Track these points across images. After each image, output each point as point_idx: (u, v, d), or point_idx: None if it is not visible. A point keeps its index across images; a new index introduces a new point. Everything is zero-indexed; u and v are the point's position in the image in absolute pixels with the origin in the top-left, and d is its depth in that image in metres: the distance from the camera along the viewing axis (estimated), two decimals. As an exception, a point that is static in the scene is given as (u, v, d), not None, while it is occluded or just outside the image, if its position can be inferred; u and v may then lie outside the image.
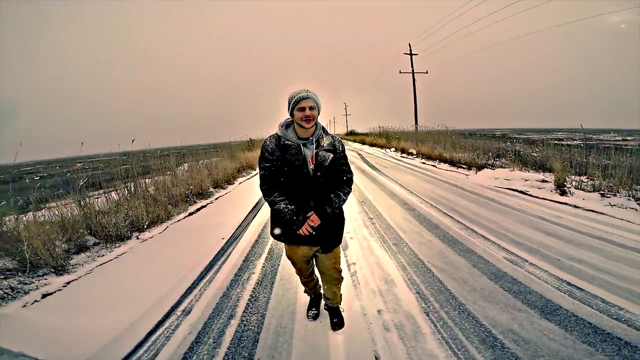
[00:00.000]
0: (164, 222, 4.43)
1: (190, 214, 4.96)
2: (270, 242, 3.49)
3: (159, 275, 2.76)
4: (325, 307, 2.06)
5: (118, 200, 4.37)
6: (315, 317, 2.04)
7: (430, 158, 11.41)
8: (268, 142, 1.66)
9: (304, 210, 1.62)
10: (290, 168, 1.61)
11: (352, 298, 2.26)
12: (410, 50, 23.53)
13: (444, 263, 2.76)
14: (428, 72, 23.78)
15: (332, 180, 1.69)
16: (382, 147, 20.20)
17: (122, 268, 3.03)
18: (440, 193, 5.69)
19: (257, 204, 5.40)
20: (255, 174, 9.86)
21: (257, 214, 4.79)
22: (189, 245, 3.47)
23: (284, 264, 2.86)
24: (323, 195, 1.66)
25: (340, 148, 1.74)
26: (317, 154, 1.65)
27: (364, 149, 20.49)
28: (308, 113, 1.56)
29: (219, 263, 3.02)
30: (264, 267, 2.91)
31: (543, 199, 5.06)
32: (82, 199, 3.97)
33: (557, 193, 5.34)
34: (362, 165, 10.51)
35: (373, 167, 10.08)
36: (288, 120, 1.70)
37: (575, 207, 4.53)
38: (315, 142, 1.66)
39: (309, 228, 1.60)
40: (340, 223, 1.79)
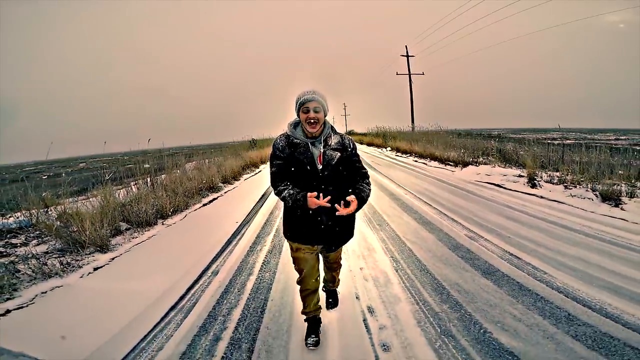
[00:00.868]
0: (183, 211, 5.05)
1: (205, 205, 5.58)
2: (278, 223, 4.10)
3: (187, 251, 3.37)
4: (324, 288, 2.19)
5: (140, 193, 4.97)
6: (316, 344, 1.81)
7: (423, 157, 12.03)
8: (278, 140, 1.69)
9: (315, 212, 1.60)
10: (299, 166, 1.62)
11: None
12: (407, 52, 24.07)
13: (416, 237, 3.40)
14: (424, 73, 24.35)
15: (343, 179, 1.68)
16: (378, 146, 20.80)
17: (155, 246, 3.65)
18: (425, 186, 6.32)
19: (263, 196, 6.04)
20: (259, 172, 10.47)
21: (263, 204, 5.42)
22: (209, 228, 4.10)
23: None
24: (340, 192, 1.63)
25: (351, 146, 1.73)
26: (324, 153, 1.64)
27: (362, 149, 21.10)
28: (312, 115, 1.58)
29: (236, 239, 3.66)
30: (273, 241, 3.56)
31: (515, 191, 5.67)
32: (109, 192, 4.57)
33: (528, 186, 5.95)
34: (358, 163, 11.15)
35: (368, 165, 10.70)
36: (297, 119, 1.71)
37: (541, 197, 5.14)
38: (323, 141, 1.67)
39: (348, 210, 1.54)
40: (353, 219, 1.80)
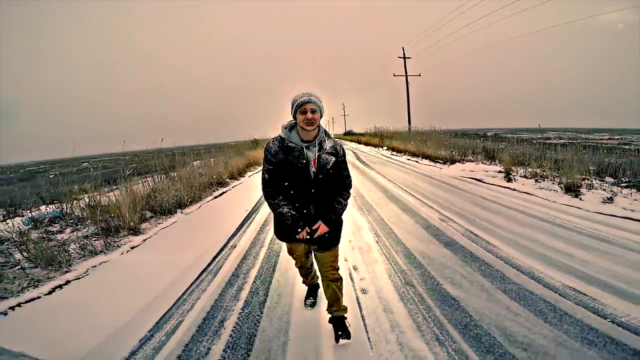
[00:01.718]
0: (197, 202, 5.67)
1: (216, 197, 6.20)
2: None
3: (207, 232, 3.98)
4: (330, 320, 1.91)
5: (160, 186, 5.58)
6: (312, 305, 2.16)
7: (416, 155, 12.65)
8: (271, 144, 1.66)
9: (306, 214, 1.65)
10: (293, 170, 1.60)
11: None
12: (404, 54, 24.59)
13: (397, 220, 4.04)
14: (421, 75, 24.90)
15: (332, 184, 1.70)
16: (375, 146, 21.40)
17: (179, 230, 4.26)
18: (413, 181, 6.94)
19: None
20: (261, 170, 11.06)
21: (268, 197, 6.05)
22: (223, 215, 4.73)
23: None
24: (325, 201, 1.68)
25: (342, 152, 1.73)
26: (319, 157, 1.63)
27: (359, 148, 21.71)
28: (310, 116, 1.55)
29: (247, 223, 4.29)
30: (278, 225, 4.17)
31: (492, 185, 6.29)
32: (132, 185, 5.18)
33: (505, 180, 6.57)
34: (355, 162, 11.77)
35: (364, 163, 11.33)
36: (291, 123, 1.69)
37: (514, 189, 5.76)
38: (318, 145, 1.65)
39: (306, 234, 1.65)
40: (338, 225, 1.79)
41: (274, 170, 1.64)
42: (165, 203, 4.81)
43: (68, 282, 2.87)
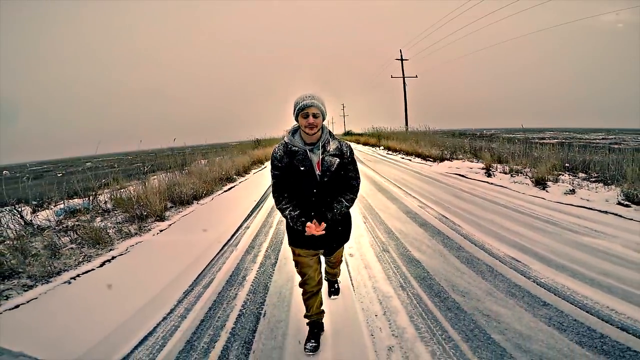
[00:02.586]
0: (210, 195, 6.36)
1: (225, 191, 6.90)
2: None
3: (223, 218, 4.67)
4: (325, 278, 2.21)
5: (178, 180, 6.27)
6: (314, 350, 1.78)
7: (409, 154, 13.33)
8: (276, 149, 1.66)
9: (311, 216, 1.62)
10: (298, 174, 1.60)
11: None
12: (401, 56, 25.19)
13: (383, 207, 4.75)
14: (417, 76, 25.46)
15: (339, 186, 1.68)
16: (373, 145, 22.09)
17: (198, 216, 4.95)
18: (403, 177, 7.64)
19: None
20: (264, 167, 11.77)
21: (272, 191, 6.80)
22: (234, 204, 5.42)
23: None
24: (328, 201, 1.66)
25: (348, 153, 1.71)
26: (323, 159, 1.63)
27: (357, 148, 22.39)
28: (311, 120, 1.55)
29: (256, 211, 4.98)
30: (283, 213, 4.90)
31: (473, 179, 6.98)
32: (146, 181, 5.87)
33: (485, 175, 7.26)
34: (352, 160, 12.49)
35: (360, 161, 12.05)
36: (295, 126, 1.69)
37: (491, 183, 6.44)
38: (322, 147, 1.64)
39: (315, 230, 1.57)
40: (346, 227, 1.81)
41: (281, 175, 1.65)
42: (184, 195, 5.50)
43: (114, 257, 3.54)
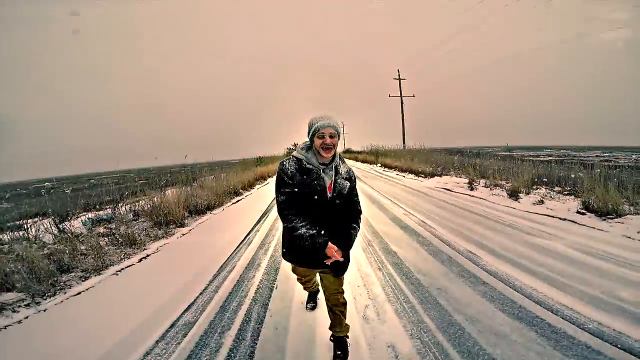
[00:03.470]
0: (220, 206, 7.12)
1: (234, 203, 7.66)
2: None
3: (236, 223, 5.39)
4: (331, 337, 1.90)
5: (192, 192, 7.03)
6: (313, 308, 2.35)
7: (404, 170, 14.17)
8: (287, 165, 1.59)
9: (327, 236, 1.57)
10: (310, 193, 1.55)
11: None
12: (399, 76, 26.45)
13: (373, 214, 5.51)
14: (415, 95, 26.65)
15: (345, 210, 1.66)
16: (371, 163, 22.95)
17: (213, 223, 5.68)
18: (394, 190, 8.43)
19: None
20: (267, 183, 12.54)
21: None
22: (244, 214, 6.17)
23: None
24: (339, 227, 1.63)
25: (354, 177, 1.72)
26: (335, 182, 1.60)
27: (356, 165, 23.28)
28: (328, 141, 1.53)
29: (264, 219, 5.71)
30: (287, 220, 5.65)
31: (457, 193, 7.74)
32: (163, 193, 6.63)
33: (468, 189, 8.02)
34: (350, 176, 13.31)
35: (358, 177, 12.82)
36: (307, 144, 1.65)
37: (472, 196, 7.20)
38: (334, 169, 1.62)
39: (337, 257, 1.56)
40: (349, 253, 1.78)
41: (293, 193, 1.56)
42: (199, 205, 6.26)
43: (148, 255, 4.25)
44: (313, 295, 2.40)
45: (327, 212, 1.58)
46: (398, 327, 2.16)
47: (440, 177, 10.57)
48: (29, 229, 4.71)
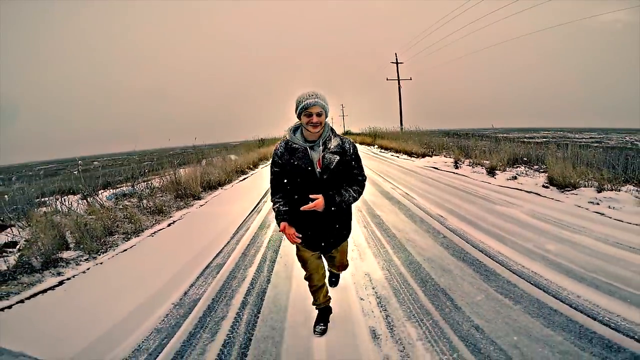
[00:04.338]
0: (229, 183, 7.85)
1: (241, 181, 8.39)
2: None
3: (245, 196, 6.14)
4: (329, 270, 2.11)
5: (205, 170, 7.73)
6: (323, 332, 1.91)
7: (398, 151, 14.80)
8: (278, 146, 1.67)
9: (312, 216, 1.59)
10: (298, 171, 1.59)
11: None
12: (397, 60, 26.51)
13: (366, 190, 6.19)
14: (412, 78, 26.79)
15: (342, 183, 1.65)
16: (369, 144, 23.45)
17: (225, 197, 6.43)
18: (387, 169, 9.14)
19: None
20: (269, 164, 13.18)
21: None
22: (251, 189, 6.92)
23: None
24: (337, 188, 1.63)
25: (351, 150, 1.68)
26: (323, 157, 1.61)
27: (354, 145, 23.76)
28: (315, 120, 1.54)
29: (267, 194, 6.44)
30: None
31: (443, 171, 8.44)
32: (175, 172, 7.33)
33: (454, 167, 8.73)
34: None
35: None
36: (297, 124, 1.68)
37: (456, 173, 7.91)
38: (322, 144, 1.62)
39: (311, 207, 1.53)
40: (346, 224, 1.79)
41: (280, 172, 1.65)
42: (212, 182, 6.99)
43: (174, 221, 5.01)
44: (324, 314, 2.00)
45: (317, 187, 1.59)
46: (374, 263, 2.92)
47: (431, 157, 11.24)
48: (62, 203, 5.37)
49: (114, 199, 6.81)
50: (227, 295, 2.51)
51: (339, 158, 1.63)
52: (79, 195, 7.23)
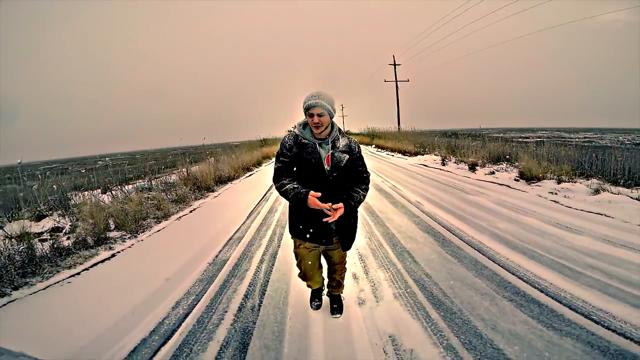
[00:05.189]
0: (237, 178, 8.68)
1: (247, 176, 9.22)
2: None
3: (253, 190, 6.95)
4: (328, 294, 2.16)
5: (216, 167, 8.56)
6: (319, 307, 2.16)
7: (393, 150, 15.61)
8: (286, 139, 1.70)
9: (321, 212, 1.57)
10: (306, 166, 1.63)
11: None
12: (394, 61, 27.20)
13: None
14: (409, 80, 27.48)
15: (348, 181, 1.70)
16: (367, 144, 24.14)
17: (235, 190, 7.24)
18: (380, 166, 9.95)
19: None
20: (272, 162, 13.99)
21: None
22: (257, 183, 7.74)
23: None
24: (342, 192, 1.65)
25: (357, 149, 1.75)
26: (332, 155, 1.64)
27: (353, 144, 24.50)
28: (316, 120, 1.59)
29: (272, 189, 7.28)
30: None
31: (431, 167, 9.25)
32: (189, 169, 8.16)
33: (441, 164, 9.53)
34: (345, 155, 14.84)
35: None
36: (305, 120, 1.70)
37: (441, 169, 8.72)
38: (331, 142, 1.66)
39: (334, 216, 1.55)
40: (356, 220, 1.81)
41: (288, 162, 1.67)
42: (223, 177, 7.82)
43: (194, 209, 5.82)
44: (318, 292, 2.21)
45: (325, 184, 1.62)
46: (359, 234, 3.74)
47: (422, 155, 12.04)
48: (93, 195, 6.12)
49: (135, 192, 7.63)
50: (248, 257, 3.33)
51: (348, 157, 1.69)
52: (100, 189, 7.99)
